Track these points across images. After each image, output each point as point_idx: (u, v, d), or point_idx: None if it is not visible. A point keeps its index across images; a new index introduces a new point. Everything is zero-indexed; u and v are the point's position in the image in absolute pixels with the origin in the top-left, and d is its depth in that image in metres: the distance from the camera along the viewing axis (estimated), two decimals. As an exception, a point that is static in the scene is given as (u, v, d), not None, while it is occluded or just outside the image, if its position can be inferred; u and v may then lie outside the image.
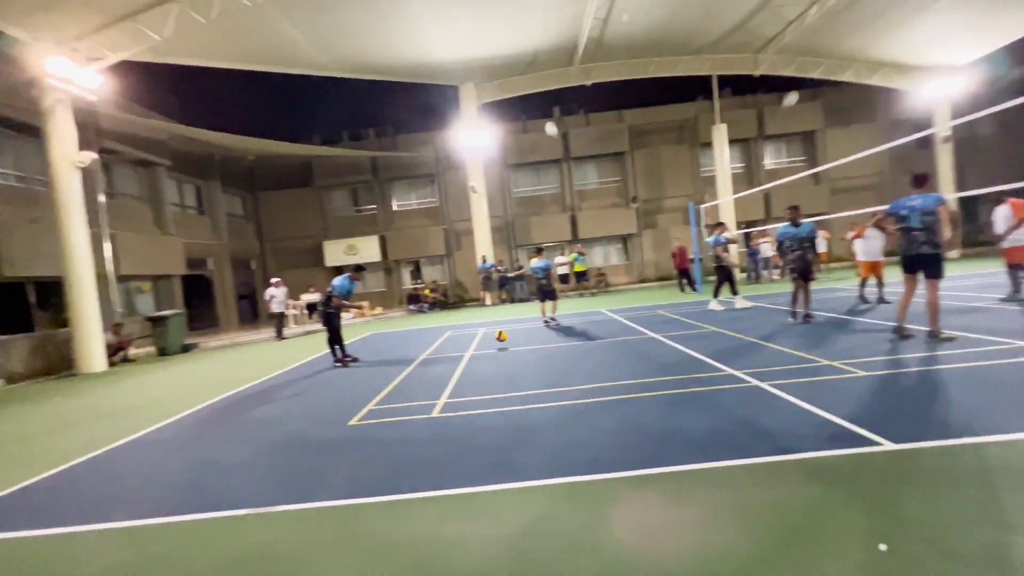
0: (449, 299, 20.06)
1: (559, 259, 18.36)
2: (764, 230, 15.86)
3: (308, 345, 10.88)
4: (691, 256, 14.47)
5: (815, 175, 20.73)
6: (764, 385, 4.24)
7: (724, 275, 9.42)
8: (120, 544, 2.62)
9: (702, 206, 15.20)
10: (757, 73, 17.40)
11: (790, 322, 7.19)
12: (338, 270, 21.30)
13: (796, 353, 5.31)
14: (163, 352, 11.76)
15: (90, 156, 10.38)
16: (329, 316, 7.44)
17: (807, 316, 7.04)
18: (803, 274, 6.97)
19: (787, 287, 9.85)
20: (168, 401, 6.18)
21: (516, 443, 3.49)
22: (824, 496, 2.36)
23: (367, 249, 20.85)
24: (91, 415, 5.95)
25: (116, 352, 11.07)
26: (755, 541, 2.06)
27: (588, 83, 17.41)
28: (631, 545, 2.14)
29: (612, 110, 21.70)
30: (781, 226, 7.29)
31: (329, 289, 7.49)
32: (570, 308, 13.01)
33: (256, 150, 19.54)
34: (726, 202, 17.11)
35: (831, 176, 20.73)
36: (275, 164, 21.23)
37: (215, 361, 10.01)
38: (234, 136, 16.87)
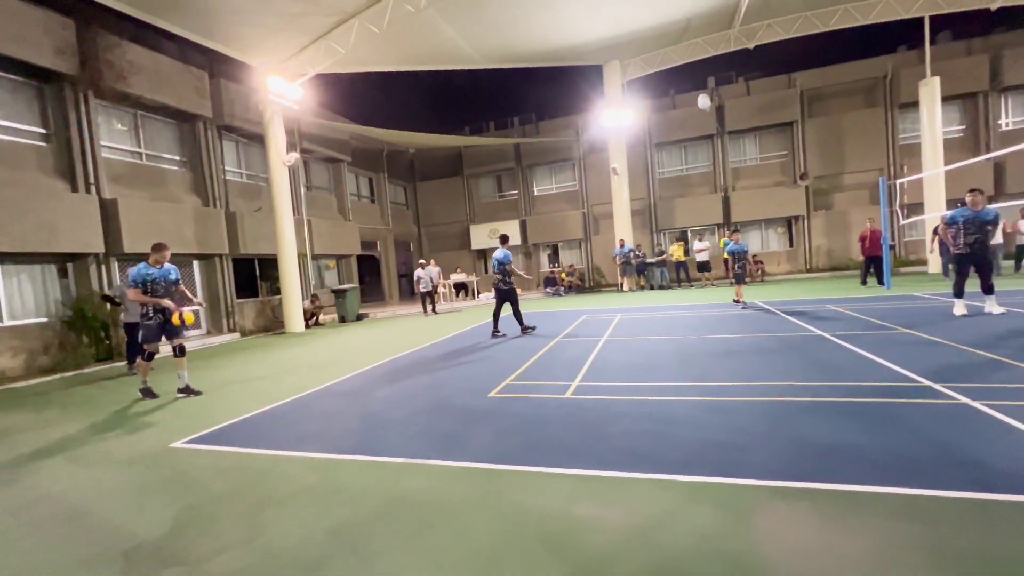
0: (586, 283, 20.00)
1: (698, 244, 16.97)
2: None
3: (456, 321, 11.91)
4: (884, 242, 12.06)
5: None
6: (977, 404, 3.39)
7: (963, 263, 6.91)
8: (312, 470, 3.25)
9: (899, 181, 12.47)
10: (994, 7, 13.46)
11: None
12: (481, 253, 22.82)
13: (1033, 368, 4.12)
14: (343, 319, 14.01)
15: (294, 156, 12.70)
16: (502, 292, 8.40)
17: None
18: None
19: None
20: (348, 360, 7.37)
21: (651, 433, 3.37)
22: (1066, 554, 1.82)
23: (508, 233, 21.72)
24: (296, 365, 7.40)
25: (311, 317, 13.53)
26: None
27: (751, 46, 15.43)
28: (780, 562, 1.93)
29: (780, 74, 18.93)
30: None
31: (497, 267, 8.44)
32: (718, 298, 11.97)
33: (416, 143, 21.77)
34: (934, 175, 13.74)
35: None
36: (431, 156, 23.38)
37: (382, 329, 11.57)
38: (398, 132, 19.02)
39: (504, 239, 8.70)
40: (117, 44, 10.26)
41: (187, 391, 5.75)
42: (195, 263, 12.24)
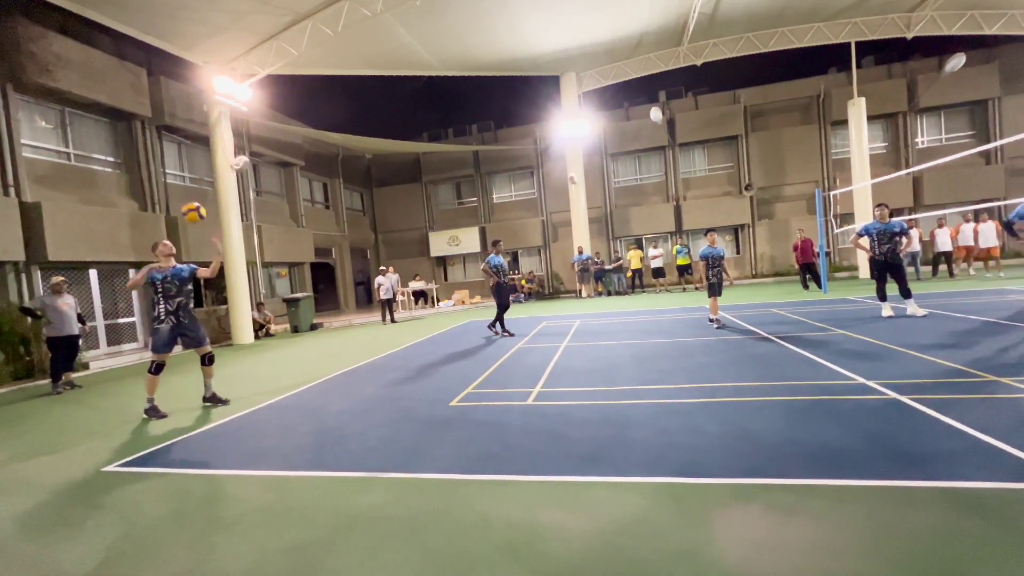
0: (545, 290, 20.21)
1: (652, 251, 17.58)
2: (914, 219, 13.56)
3: (416, 329, 11.70)
4: (817, 249, 12.91)
5: (987, 153, 17.27)
6: (905, 399, 3.68)
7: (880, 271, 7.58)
8: (265, 489, 3.08)
9: (832, 192, 13.43)
10: (910, 36, 14.84)
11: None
12: (441, 260, 22.61)
13: (951, 365, 4.52)
14: (295, 329, 13.46)
15: (243, 159, 12.16)
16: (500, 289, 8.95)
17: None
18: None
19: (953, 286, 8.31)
20: (301, 372, 7.08)
21: (611, 438, 3.43)
22: (981, 533, 1.99)
23: (468, 240, 21.75)
24: (244, 379, 7.03)
25: (261, 328, 12.91)
26: (884, 571, 1.81)
27: (699, 63, 16.24)
28: (737, 557, 2.00)
29: (725, 91, 20.01)
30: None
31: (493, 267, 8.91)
32: (672, 304, 12.40)
33: (372, 149, 21.37)
34: (862, 188, 14.91)
35: (1010, 154, 17.11)
36: (388, 161, 23.00)
37: (337, 339, 11.20)
38: (354, 137, 18.60)
39: (494, 243, 9.37)
40: (42, 35, 9.49)
41: (213, 400, 5.49)
42: (131, 271, 11.41)
